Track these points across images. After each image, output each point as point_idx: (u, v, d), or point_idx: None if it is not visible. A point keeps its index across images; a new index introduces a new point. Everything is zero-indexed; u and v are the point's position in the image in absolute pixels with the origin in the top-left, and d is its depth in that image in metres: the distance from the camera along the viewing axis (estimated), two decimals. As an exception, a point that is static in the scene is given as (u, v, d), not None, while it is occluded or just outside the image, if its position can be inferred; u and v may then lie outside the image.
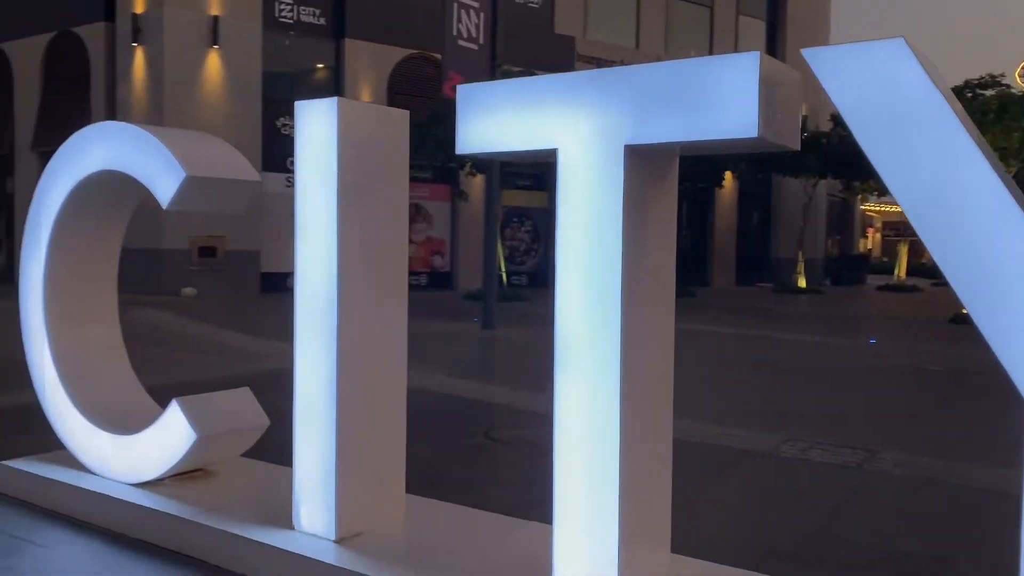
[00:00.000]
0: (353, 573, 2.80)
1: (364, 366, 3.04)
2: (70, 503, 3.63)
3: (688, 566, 2.78)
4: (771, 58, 2.20)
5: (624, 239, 2.34)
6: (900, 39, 1.98)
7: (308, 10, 17.22)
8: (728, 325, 13.25)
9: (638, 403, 2.42)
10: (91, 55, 16.87)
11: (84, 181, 3.69)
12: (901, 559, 3.36)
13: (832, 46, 2.07)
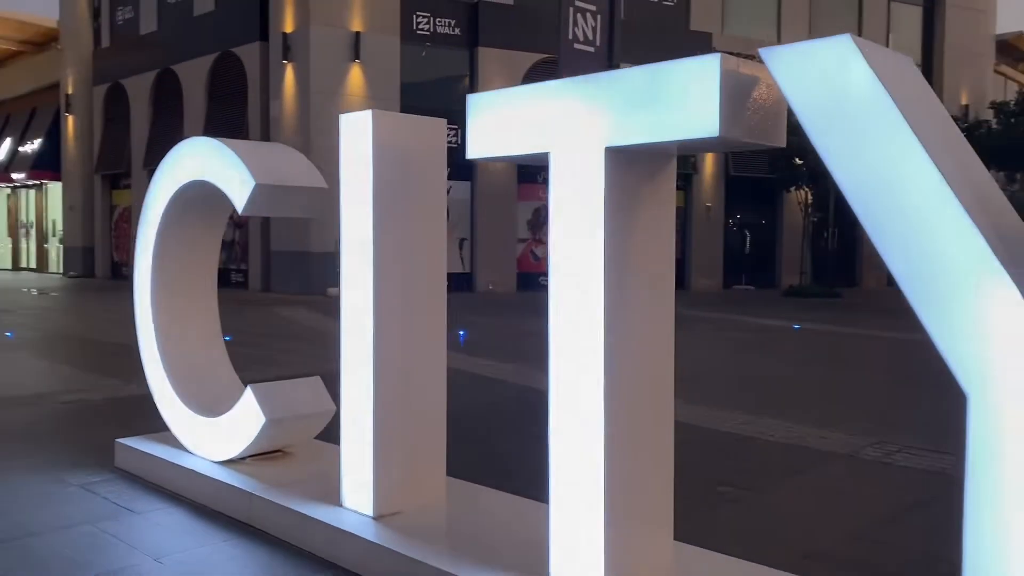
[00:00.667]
0: (386, 549, 3.03)
1: (401, 357, 3.28)
2: (167, 477, 4.09)
3: (689, 554, 2.84)
4: (740, 59, 2.25)
5: (607, 238, 2.45)
6: (847, 36, 2.00)
7: (444, 22, 17.86)
8: (868, 327, 12.70)
9: (624, 393, 2.51)
10: (248, 72, 18.24)
11: (181, 189, 4.14)
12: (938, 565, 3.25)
13: (785, 45, 2.12)
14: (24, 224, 28.99)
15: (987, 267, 1.79)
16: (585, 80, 2.51)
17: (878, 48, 2.09)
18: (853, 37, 2.00)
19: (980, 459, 1.83)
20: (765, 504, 4.07)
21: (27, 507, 3.78)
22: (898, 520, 3.88)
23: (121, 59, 22.59)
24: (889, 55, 2.14)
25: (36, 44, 26.90)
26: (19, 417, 5.72)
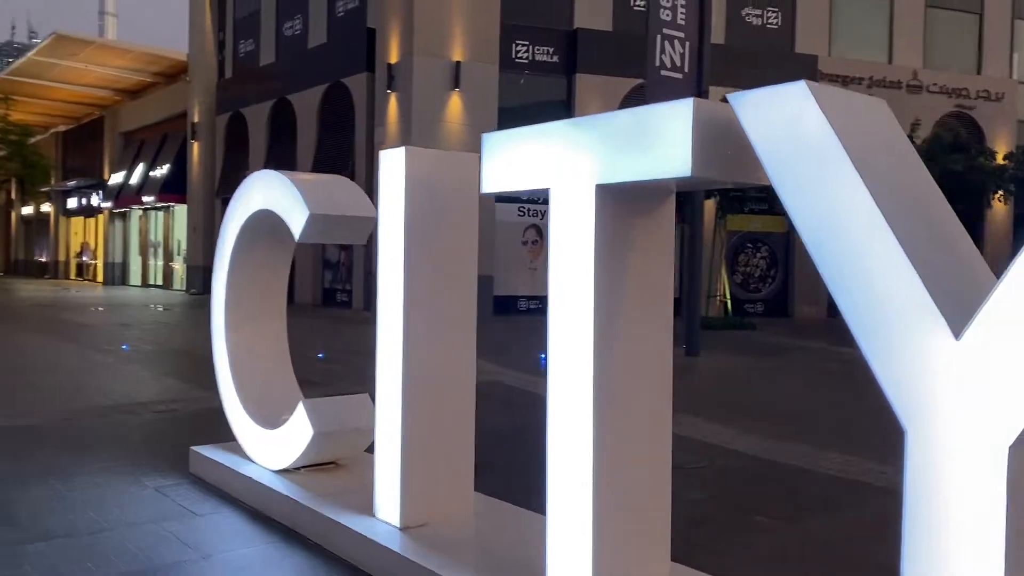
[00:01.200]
0: (409, 560, 3.22)
1: (430, 376, 3.49)
2: (229, 483, 4.43)
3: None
4: (716, 104, 2.36)
5: (596, 267, 2.59)
6: (802, 83, 2.09)
7: (543, 50, 18.21)
8: None
9: (613, 418, 2.63)
10: (355, 101, 19.07)
11: (251, 217, 4.50)
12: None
13: (749, 91, 2.22)
14: (153, 244, 30.99)
15: (922, 307, 1.85)
16: (579, 122, 2.66)
17: (839, 93, 2.18)
18: (809, 84, 2.09)
19: (916, 494, 1.87)
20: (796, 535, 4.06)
21: (104, 505, 4.17)
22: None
23: (242, 90, 23.99)
24: (852, 99, 2.22)
25: (168, 76, 28.89)
26: (115, 423, 6.24)
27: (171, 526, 3.89)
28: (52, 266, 40.40)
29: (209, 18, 25.69)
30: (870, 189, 1.94)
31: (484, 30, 17.41)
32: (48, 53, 27.49)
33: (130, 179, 30.43)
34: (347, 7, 20.11)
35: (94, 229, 36.28)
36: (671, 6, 10.92)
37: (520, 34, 17.98)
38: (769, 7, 20.21)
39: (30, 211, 43.01)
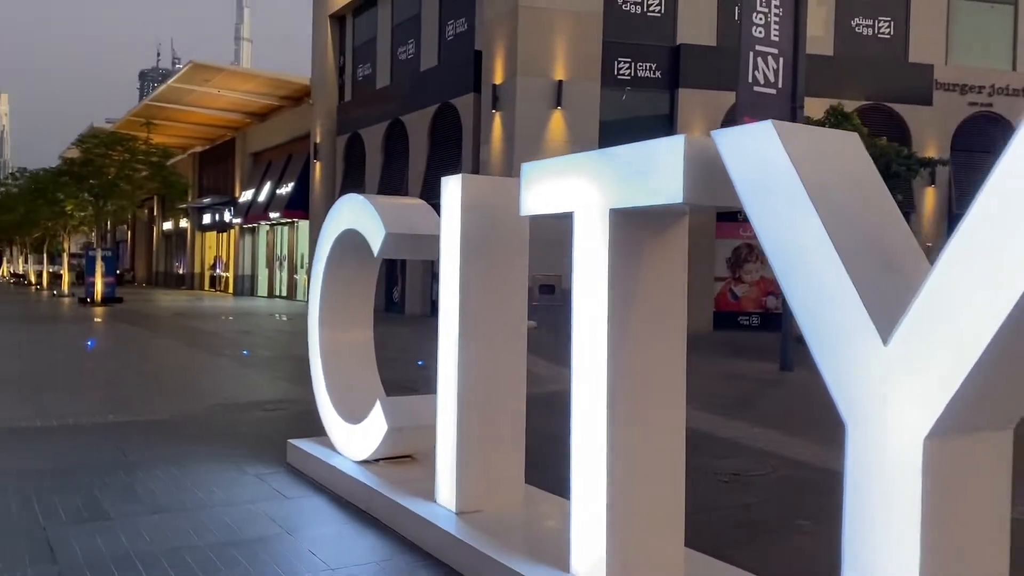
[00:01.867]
0: (459, 540, 3.64)
1: (483, 379, 3.91)
2: (318, 472, 4.97)
3: (699, 561, 3.21)
4: (704, 139, 2.68)
5: (611, 280, 2.95)
6: (769, 122, 2.40)
7: (645, 66, 18.45)
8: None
9: (627, 415, 2.97)
10: (463, 121, 19.82)
11: (340, 236, 5.05)
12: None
13: (727, 128, 2.54)
14: (278, 257, 32.81)
15: (858, 318, 2.14)
16: (594, 156, 3.04)
17: (807, 131, 2.48)
18: (775, 123, 2.39)
19: (853, 481, 2.15)
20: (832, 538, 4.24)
21: (210, 488, 4.78)
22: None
23: (360, 111, 25.24)
24: (821, 136, 2.51)
25: (293, 99, 30.65)
26: (227, 420, 6.95)
27: (264, 506, 4.45)
28: (189, 278, 43.24)
29: (331, 45, 27.15)
30: (822, 218, 2.24)
31: (586, 50, 17.82)
32: (185, 80, 29.70)
33: (258, 196, 32.36)
34: (456, 31, 20.94)
35: (226, 243, 38.66)
36: (764, 23, 11.03)
37: (622, 52, 18.29)
38: (880, 16, 19.75)
39: (170, 226, 46.19)
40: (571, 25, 17.80)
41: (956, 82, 19.77)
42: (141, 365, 11.08)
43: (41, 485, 4.72)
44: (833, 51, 19.51)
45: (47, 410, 7.09)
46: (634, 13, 18.54)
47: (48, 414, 6.90)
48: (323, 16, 27.34)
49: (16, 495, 4.53)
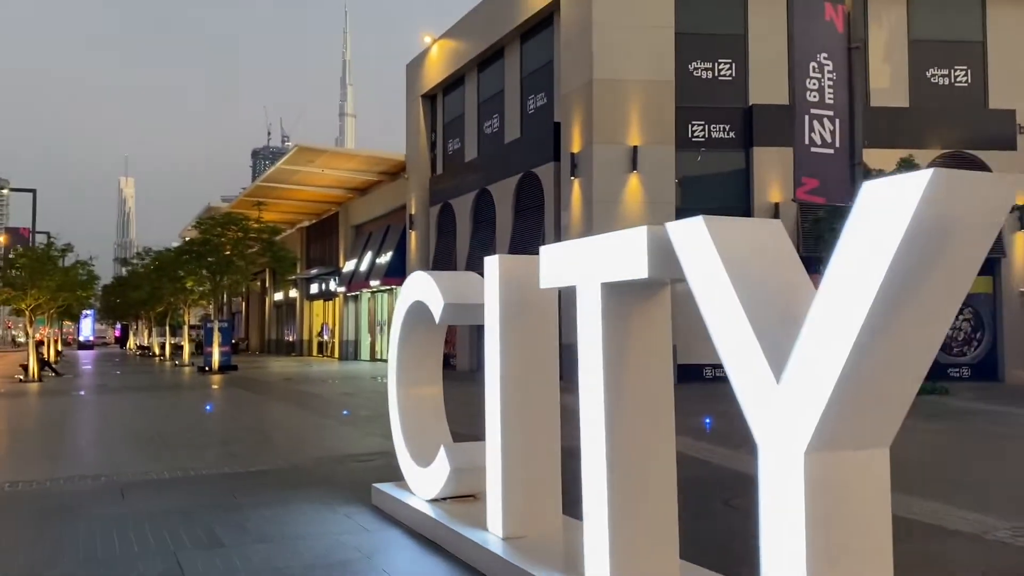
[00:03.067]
0: (503, 559, 4.38)
1: (521, 424, 4.67)
2: (397, 509, 5.80)
3: (692, 572, 3.85)
4: (661, 227, 3.42)
5: (605, 341, 3.70)
6: (700, 218, 3.15)
7: (719, 127, 19.12)
8: None
9: (623, 445, 3.69)
10: (544, 188, 20.86)
11: (410, 306, 5.96)
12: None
13: (674, 222, 3.29)
14: (379, 322, 34.40)
15: (761, 365, 2.84)
16: (589, 240, 3.83)
17: (733, 223, 3.20)
18: (706, 219, 3.13)
19: (764, 485, 2.83)
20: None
21: (306, 524, 5.67)
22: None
23: (450, 183, 26.70)
24: (744, 224, 3.23)
25: (390, 174, 32.53)
26: (325, 470, 7.89)
27: (349, 538, 5.30)
28: (298, 344, 45.51)
29: (423, 122, 28.89)
30: (736, 291, 2.95)
31: (659, 115, 18.65)
32: (292, 162, 32.00)
33: (360, 266, 34.18)
34: (537, 104, 22.15)
35: (332, 311, 40.69)
36: (818, 88, 11.63)
37: (696, 115, 19.03)
38: (956, 65, 19.89)
39: (280, 297, 48.87)
40: (644, 93, 18.70)
41: (1041, 127, 19.60)
42: (252, 425, 12.27)
43: (169, 521, 5.72)
44: (909, 103, 19.72)
45: (173, 464, 8.21)
46: (706, 79, 19.31)
47: (174, 468, 8.00)
48: (415, 96, 29.17)
49: (151, 528, 5.53)
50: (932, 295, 2.52)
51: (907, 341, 2.57)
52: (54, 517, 5.96)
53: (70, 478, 7.50)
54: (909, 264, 2.41)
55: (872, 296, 2.45)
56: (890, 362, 2.58)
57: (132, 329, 66.29)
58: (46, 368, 25.64)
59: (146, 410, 14.83)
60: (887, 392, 2.66)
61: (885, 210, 2.42)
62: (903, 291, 2.47)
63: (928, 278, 2.48)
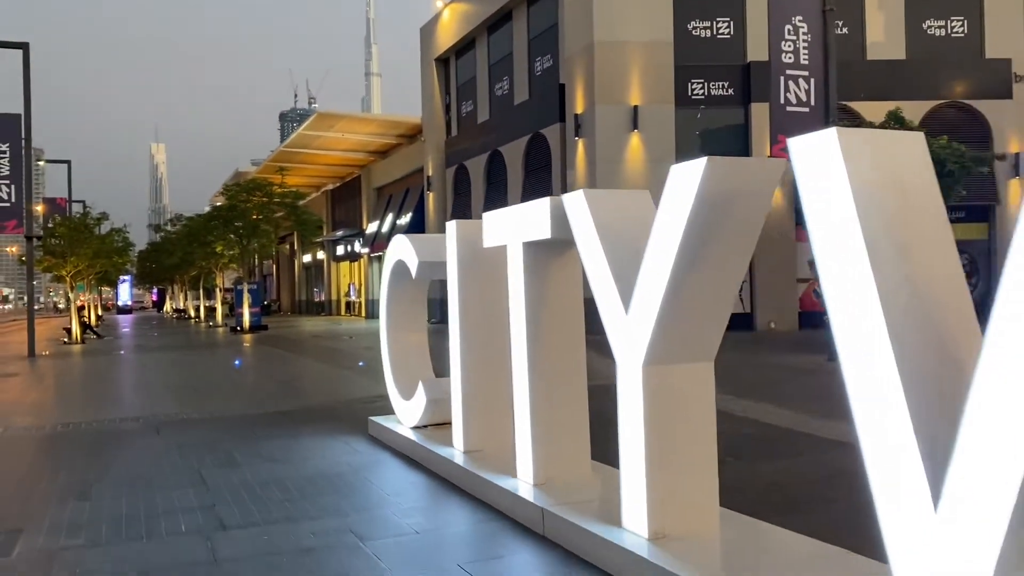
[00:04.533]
0: (464, 470, 5.40)
1: (481, 365, 5.65)
2: (387, 436, 6.85)
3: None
4: (561, 197, 4.35)
5: (527, 292, 4.66)
6: (580, 192, 4.07)
7: (718, 84, 19.73)
8: None
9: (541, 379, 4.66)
10: (551, 148, 21.65)
11: (394, 265, 6.94)
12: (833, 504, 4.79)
13: (568, 194, 4.22)
14: (403, 281, 35.54)
15: (617, 306, 3.78)
16: (513, 208, 4.77)
17: (608, 194, 4.12)
18: (586, 192, 4.06)
19: (620, 398, 3.80)
20: (746, 472, 5.74)
21: (308, 449, 6.75)
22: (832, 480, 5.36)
23: (464, 145, 27.54)
24: (621, 196, 4.14)
25: (408, 137, 33.42)
26: (333, 410, 8.98)
27: (344, 458, 6.36)
28: (327, 304, 46.94)
29: (437, 85, 29.65)
30: (605, 250, 3.89)
31: (659, 75, 19.31)
32: (313, 128, 33.00)
33: (382, 227, 35.25)
34: (543, 67, 22.84)
35: (358, 271, 41.94)
36: (793, 50, 12.30)
37: (694, 73, 19.65)
38: (953, 16, 20.23)
39: (308, 259, 50.23)
40: (644, 54, 19.34)
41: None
42: (276, 376, 13.44)
43: (196, 449, 6.83)
44: (906, 55, 20.15)
45: (203, 408, 9.36)
46: (704, 38, 19.88)
47: (203, 410, 9.15)
48: (429, 60, 29.89)
49: (180, 454, 6.65)
50: (722, 246, 3.45)
51: (706, 281, 3.50)
52: (101, 447, 7.11)
53: (113, 420, 8.67)
54: (700, 225, 3.34)
55: (675, 250, 3.38)
56: (695, 296, 3.52)
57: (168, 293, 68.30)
58: (88, 331, 27.15)
59: (180, 365, 16.10)
60: (698, 319, 3.60)
61: (681, 187, 3.34)
62: (699, 244, 3.39)
63: (717, 233, 3.40)
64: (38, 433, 8.01)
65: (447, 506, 5.04)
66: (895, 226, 2.64)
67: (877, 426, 2.57)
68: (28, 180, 20.34)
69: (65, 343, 24.16)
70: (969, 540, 2.25)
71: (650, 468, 3.66)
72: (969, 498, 2.24)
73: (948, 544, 2.32)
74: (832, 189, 2.67)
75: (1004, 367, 2.14)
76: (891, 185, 2.70)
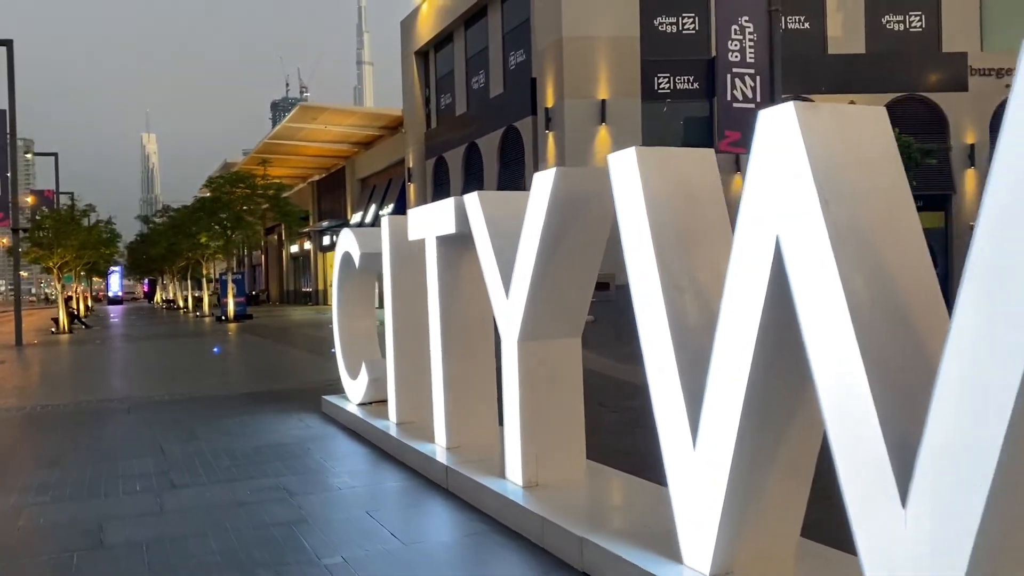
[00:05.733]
0: (395, 439, 6.05)
1: (411, 347, 6.30)
2: (337, 413, 7.51)
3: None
4: (462, 197, 4.99)
5: (439, 280, 5.30)
6: (475, 194, 4.70)
7: (683, 79, 20.35)
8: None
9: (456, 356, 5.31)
10: (524, 141, 22.27)
11: (343, 256, 7.58)
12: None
13: (468, 195, 4.85)
14: (387, 271, 36.16)
15: (501, 294, 4.43)
16: (429, 206, 5.40)
17: (500, 195, 4.75)
18: (479, 194, 4.69)
19: (504, 370, 4.45)
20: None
21: (263, 424, 7.39)
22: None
23: (443, 137, 28.13)
24: (510, 196, 4.78)
25: (390, 129, 33.99)
26: (297, 392, 9.63)
27: (294, 432, 7.01)
28: (314, 294, 47.51)
29: (417, 78, 30.20)
30: (493, 246, 4.53)
31: (626, 69, 19.93)
32: (296, 120, 33.54)
33: (366, 217, 35.84)
34: (517, 61, 23.43)
35: (343, 261, 42.50)
36: (739, 49, 12.93)
37: (661, 68, 20.27)
38: (911, 11, 20.87)
39: (296, 249, 50.77)
40: (611, 49, 19.95)
41: (991, 67, 20.62)
42: (251, 362, 14.08)
43: (162, 426, 7.48)
44: (865, 49, 20.79)
45: (174, 391, 10.00)
46: (670, 33, 20.49)
47: (175, 393, 9.79)
48: (409, 53, 30.44)
49: (144, 430, 7.29)
50: (578, 239, 4.09)
51: (565, 269, 4.15)
52: (75, 425, 7.75)
53: (90, 401, 9.30)
54: (556, 222, 3.98)
55: (537, 244, 4.02)
56: (557, 282, 4.16)
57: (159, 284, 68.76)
58: (76, 321, 27.72)
59: (161, 353, 16.72)
60: (561, 302, 4.25)
61: (539, 191, 3.99)
62: (558, 237, 4.04)
63: (572, 229, 4.05)
64: (19, 414, 8.65)
65: (377, 470, 5.69)
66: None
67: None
68: (14, 173, 20.88)
69: (53, 333, 24.74)
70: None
71: (524, 427, 4.32)
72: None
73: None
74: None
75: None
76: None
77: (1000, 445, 1.96)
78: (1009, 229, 1.98)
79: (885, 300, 2.44)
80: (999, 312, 1.98)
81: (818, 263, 2.44)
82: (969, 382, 2.04)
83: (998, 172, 2.00)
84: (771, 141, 2.62)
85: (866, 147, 2.61)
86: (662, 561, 3.20)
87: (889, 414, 2.29)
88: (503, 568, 3.70)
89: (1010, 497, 2.03)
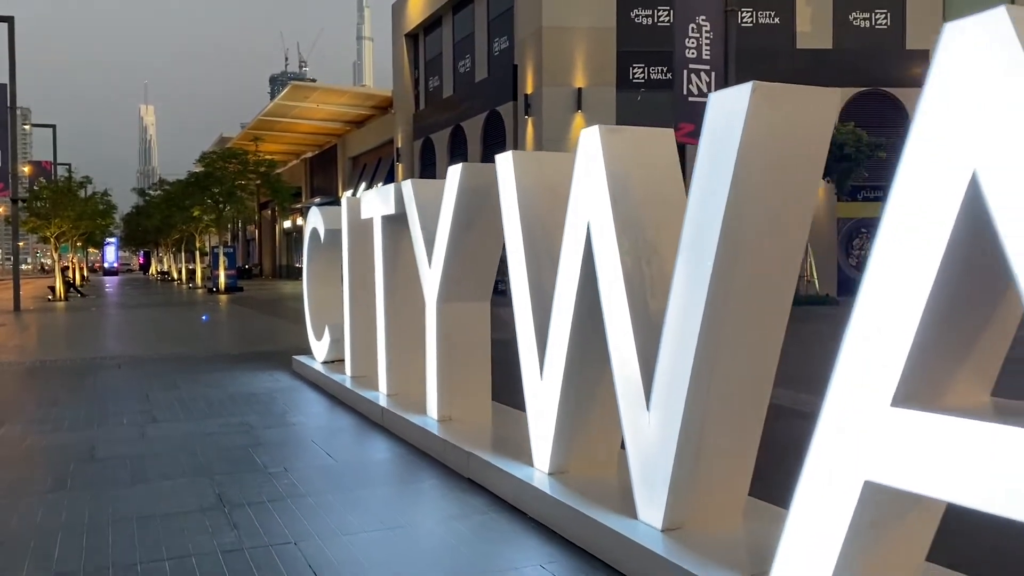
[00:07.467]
0: (350, 391, 7.03)
1: (368, 318, 7.28)
2: (305, 372, 8.48)
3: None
4: (416, 181, 5.94)
5: (383, 253, 6.26)
6: (409, 181, 5.66)
7: (657, 69, 21.21)
8: None
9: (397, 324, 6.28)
10: (506, 126, 23.14)
11: (311, 232, 8.53)
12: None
13: (407, 180, 5.81)
14: (375, 248, 37.08)
15: (426, 265, 5.40)
16: (376, 190, 6.35)
17: (430, 183, 5.70)
18: (413, 182, 5.64)
19: (428, 329, 5.43)
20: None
21: (238, 378, 8.37)
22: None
23: (431, 119, 28.97)
24: (438, 184, 5.73)
25: (381, 109, 34.79)
26: (272, 354, 10.61)
27: (265, 385, 7.99)
28: (305, 270, 48.41)
29: (407, 60, 30.99)
30: (419, 224, 5.49)
31: (602, 59, 20.79)
32: (288, 98, 34.31)
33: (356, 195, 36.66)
34: (500, 47, 24.26)
35: (334, 238, 43.37)
36: (696, 46, 13.82)
37: (635, 58, 21.14)
38: (877, 9, 21.73)
39: (288, 224, 51.60)
40: (589, 39, 20.80)
41: (953, 64, 21.48)
42: (236, 329, 15.05)
43: (148, 378, 8.45)
44: (832, 44, 21.67)
45: (161, 350, 10.97)
46: (645, 25, 21.33)
47: (159, 352, 10.76)
48: (400, 35, 31.20)
49: (133, 382, 8.27)
50: (483, 223, 5.05)
51: (472, 245, 5.11)
52: (71, 376, 8.73)
53: (84, 358, 10.28)
54: (464, 207, 4.94)
55: (450, 223, 4.98)
56: (468, 253, 5.12)
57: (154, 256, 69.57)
58: (72, 290, 28.65)
59: (151, 320, 17.69)
60: (470, 272, 5.21)
61: (451, 181, 4.94)
62: (467, 219, 5.00)
63: (478, 214, 5.00)
64: (19, 367, 9.62)
65: (331, 415, 6.67)
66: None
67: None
68: (13, 145, 21.72)
69: (50, 300, 25.67)
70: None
71: (440, 371, 5.30)
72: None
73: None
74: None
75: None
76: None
77: (690, 369, 2.95)
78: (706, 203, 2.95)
79: (652, 273, 3.43)
80: (696, 274, 2.95)
81: (607, 246, 3.42)
82: (676, 324, 3.03)
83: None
84: (585, 155, 3.59)
85: (655, 162, 3.60)
86: (519, 464, 4.19)
87: (641, 345, 3.29)
88: (412, 478, 4.69)
89: (701, 403, 3.02)
